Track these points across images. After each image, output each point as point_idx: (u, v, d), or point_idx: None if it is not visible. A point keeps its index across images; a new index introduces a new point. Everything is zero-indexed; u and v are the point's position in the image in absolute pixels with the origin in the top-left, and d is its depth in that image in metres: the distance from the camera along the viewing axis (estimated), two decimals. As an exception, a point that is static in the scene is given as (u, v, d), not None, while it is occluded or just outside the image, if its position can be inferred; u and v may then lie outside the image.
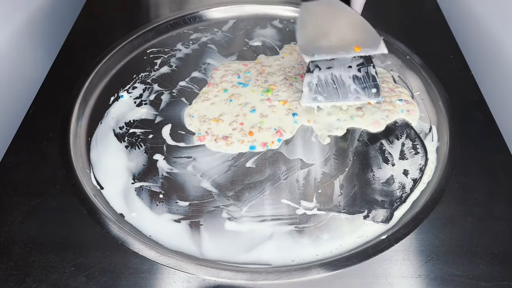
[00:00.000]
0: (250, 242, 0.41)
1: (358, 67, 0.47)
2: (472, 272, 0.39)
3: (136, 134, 0.50)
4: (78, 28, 0.65)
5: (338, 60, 0.47)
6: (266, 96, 0.54)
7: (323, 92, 0.48)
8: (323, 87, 0.48)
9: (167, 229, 0.41)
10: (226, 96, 0.54)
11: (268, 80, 0.56)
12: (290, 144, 0.49)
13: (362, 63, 0.47)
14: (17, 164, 0.46)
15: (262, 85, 0.55)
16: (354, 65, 0.47)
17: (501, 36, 0.60)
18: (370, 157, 0.48)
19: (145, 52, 0.61)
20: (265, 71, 0.57)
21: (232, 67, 0.59)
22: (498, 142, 0.49)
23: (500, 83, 0.59)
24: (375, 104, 0.52)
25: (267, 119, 0.51)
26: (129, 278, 0.38)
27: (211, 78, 0.57)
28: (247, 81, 0.56)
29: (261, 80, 0.56)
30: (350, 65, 0.47)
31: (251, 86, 0.55)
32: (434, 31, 0.65)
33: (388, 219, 0.42)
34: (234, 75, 0.57)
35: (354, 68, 0.47)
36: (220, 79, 0.57)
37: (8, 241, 0.40)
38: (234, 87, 0.55)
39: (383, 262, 0.39)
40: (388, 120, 0.51)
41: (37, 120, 0.51)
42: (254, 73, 0.57)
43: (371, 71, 0.47)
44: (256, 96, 0.54)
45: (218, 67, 0.59)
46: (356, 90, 0.48)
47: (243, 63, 0.59)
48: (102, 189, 0.44)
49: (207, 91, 0.55)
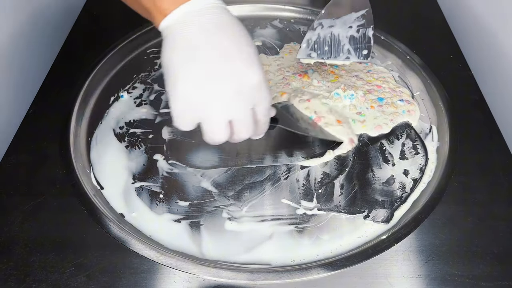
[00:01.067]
0: (250, 242, 0.41)
1: (357, 28, 0.50)
2: (472, 272, 0.39)
3: (136, 134, 0.50)
4: (78, 28, 0.65)
5: (342, 18, 0.50)
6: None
7: (318, 49, 0.51)
8: (320, 44, 0.51)
9: (167, 229, 0.41)
10: None
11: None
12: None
13: (362, 24, 0.50)
14: (17, 164, 0.46)
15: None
16: (354, 25, 0.50)
17: (501, 36, 0.60)
18: (370, 157, 0.48)
19: (145, 52, 0.61)
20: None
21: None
22: (498, 142, 0.49)
23: (500, 83, 0.59)
24: (377, 108, 0.52)
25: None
26: (129, 278, 0.38)
27: None
28: None
29: None
30: (351, 25, 0.50)
31: None
32: (434, 31, 0.65)
33: (388, 219, 0.42)
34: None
35: (354, 29, 0.50)
36: None
37: (8, 241, 0.40)
38: None
39: (383, 262, 0.39)
40: (392, 124, 0.51)
41: (37, 120, 0.51)
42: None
43: (369, 33, 0.50)
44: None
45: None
46: (348, 50, 0.50)
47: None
48: (102, 189, 0.44)
49: None
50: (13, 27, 0.58)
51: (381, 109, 0.52)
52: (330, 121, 0.49)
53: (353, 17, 0.50)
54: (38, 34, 0.64)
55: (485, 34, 0.63)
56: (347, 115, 0.51)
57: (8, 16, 0.58)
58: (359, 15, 0.50)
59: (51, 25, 0.68)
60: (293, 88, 0.54)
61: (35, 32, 0.64)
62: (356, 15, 0.50)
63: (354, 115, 0.51)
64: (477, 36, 0.65)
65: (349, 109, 0.51)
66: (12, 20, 0.58)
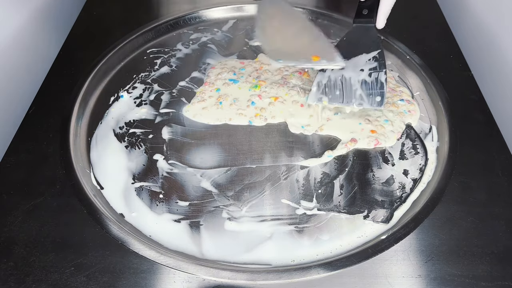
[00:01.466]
0: (250, 242, 0.41)
1: (369, 72, 0.47)
2: (472, 272, 0.39)
3: (136, 134, 0.50)
4: (78, 28, 0.65)
5: (352, 60, 0.48)
6: (254, 92, 0.54)
7: (329, 93, 0.49)
8: (330, 88, 0.49)
9: (167, 229, 0.41)
10: (216, 100, 0.54)
11: (260, 77, 0.56)
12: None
13: (374, 68, 0.47)
14: (17, 164, 0.46)
15: (252, 81, 0.55)
16: (366, 68, 0.48)
17: (501, 36, 0.60)
18: (370, 157, 0.48)
19: (145, 52, 0.61)
20: (263, 68, 0.58)
21: (228, 64, 0.59)
22: (498, 142, 0.49)
23: (500, 83, 0.59)
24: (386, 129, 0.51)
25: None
26: (129, 278, 0.38)
27: (207, 76, 0.57)
28: (238, 78, 0.56)
29: (253, 76, 0.56)
30: (363, 68, 0.48)
31: (240, 83, 0.55)
32: (434, 31, 0.65)
33: (388, 219, 0.42)
34: (230, 72, 0.57)
35: (366, 72, 0.47)
36: (215, 77, 0.57)
37: (8, 241, 0.40)
38: (226, 85, 0.55)
39: (383, 262, 0.39)
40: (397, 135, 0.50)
41: (37, 120, 0.51)
42: (249, 70, 0.57)
43: (381, 78, 0.47)
44: (244, 92, 0.54)
45: (215, 65, 0.59)
46: (360, 96, 0.48)
47: (241, 61, 0.59)
48: (102, 189, 0.44)
49: (202, 90, 0.55)
50: (13, 27, 0.58)
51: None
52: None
53: (364, 59, 0.48)
54: (38, 34, 0.64)
55: (485, 34, 0.63)
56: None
57: (8, 16, 0.58)
58: (371, 57, 0.48)
59: (51, 25, 0.68)
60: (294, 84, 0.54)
61: (35, 32, 0.64)
62: (368, 57, 0.48)
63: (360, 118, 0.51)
64: (477, 36, 0.65)
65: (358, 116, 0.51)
66: (12, 20, 0.58)
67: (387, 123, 0.50)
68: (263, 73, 0.57)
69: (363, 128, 0.50)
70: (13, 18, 0.59)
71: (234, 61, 0.60)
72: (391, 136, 0.49)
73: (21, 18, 0.60)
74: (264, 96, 0.53)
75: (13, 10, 0.59)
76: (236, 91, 0.54)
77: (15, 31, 0.59)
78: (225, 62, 0.59)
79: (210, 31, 0.65)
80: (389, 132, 0.50)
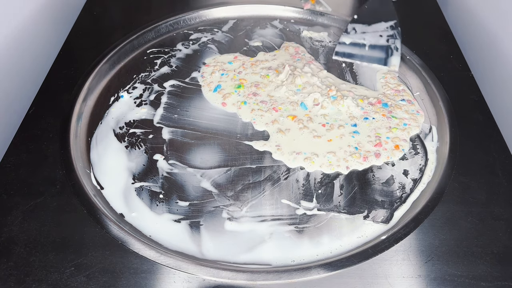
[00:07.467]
0: (250, 242, 0.41)
1: (387, 38, 0.57)
2: (472, 272, 0.39)
3: (136, 134, 0.50)
4: (78, 28, 0.65)
5: (373, 26, 0.58)
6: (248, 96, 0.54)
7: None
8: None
9: (167, 229, 0.41)
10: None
11: (242, 73, 0.57)
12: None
13: (391, 35, 0.57)
14: (17, 164, 0.46)
15: (233, 77, 0.56)
16: (384, 34, 0.57)
17: (501, 36, 0.60)
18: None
19: (145, 52, 0.61)
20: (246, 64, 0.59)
21: (219, 60, 0.60)
22: (498, 142, 0.49)
23: (500, 83, 0.59)
24: (388, 114, 0.51)
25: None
26: (129, 278, 0.38)
27: (202, 76, 0.57)
28: (222, 80, 0.56)
29: (237, 71, 0.57)
30: (381, 34, 0.57)
31: (222, 87, 0.55)
32: (434, 31, 0.65)
33: (388, 219, 0.42)
34: (220, 70, 0.58)
35: (384, 38, 0.57)
36: (210, 76, 0.57)
37: (8, 241, 0.40)
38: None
39: (383, 262, 0.39)
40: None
41: (37, 120, 0.51)
42: (236, 65, 0.58)
43: (397, 44, 0.56)
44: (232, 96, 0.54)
45: (208, 63, 0.59)
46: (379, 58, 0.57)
47: (234, 56, 0.60)
48: (102, 189, 0.44)
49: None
50: (13, 27, 0.58)
51: (392, 114, 0.52)
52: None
53: (382, 27, 0.57)
54: (38, 34, 0.64)
55: (485, 34, 0.63)
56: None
57: (8, 16, 0.58)
58: (388, 25, 0.57)
59: (51, 25, 0.68)
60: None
61: (35, 32, 0.64)
62: (386, 25, 0.57)
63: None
64: (477, 36, 0.65)
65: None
66: (12, 21, 0.58)
67: (406, 126, 0.50)
68: (243, 70, 0.58)
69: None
70: (13, 18, 0.59)
71: (225, 56, 0.60)
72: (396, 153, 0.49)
73: (21, 18, 0.60)
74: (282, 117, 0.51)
75: (13, 10, 0.59)
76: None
77: (15, 31, 0.59)
78: (215, 58, 0.60)
79: (210, 31, 0.65)
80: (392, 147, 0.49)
